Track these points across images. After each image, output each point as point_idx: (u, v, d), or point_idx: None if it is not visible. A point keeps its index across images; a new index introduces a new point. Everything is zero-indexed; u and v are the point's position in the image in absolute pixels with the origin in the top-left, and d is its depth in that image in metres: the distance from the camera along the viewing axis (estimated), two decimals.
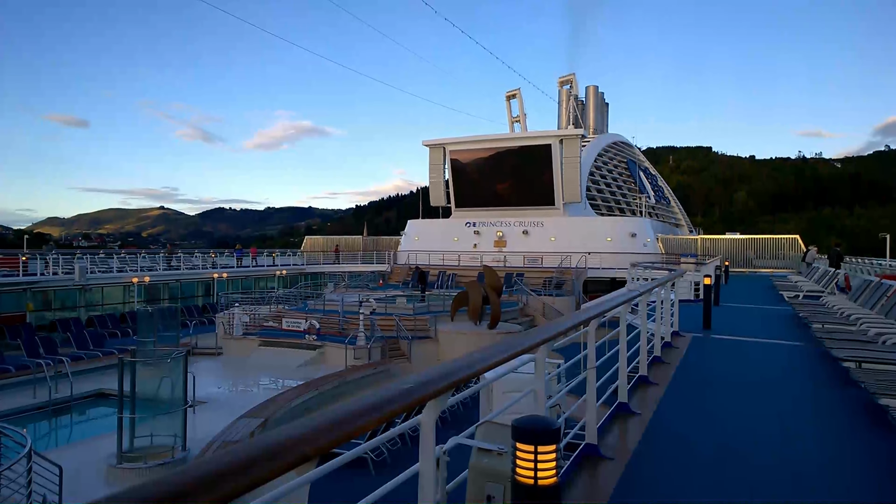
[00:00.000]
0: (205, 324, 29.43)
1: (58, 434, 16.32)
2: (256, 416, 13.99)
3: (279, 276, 41.87)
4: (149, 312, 20.68)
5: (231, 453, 1.09)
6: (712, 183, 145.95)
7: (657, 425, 5.44)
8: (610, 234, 40.80)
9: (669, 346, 9.31)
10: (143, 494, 0.83)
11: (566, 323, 3.92)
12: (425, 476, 2.09)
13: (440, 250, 42.59)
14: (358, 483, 6.68)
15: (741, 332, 11.77)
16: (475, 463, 2.75)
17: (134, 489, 0.85)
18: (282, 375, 20.37)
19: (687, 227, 65.21)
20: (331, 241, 57.04)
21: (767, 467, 4.47)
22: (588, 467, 4.33)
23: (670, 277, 9.47)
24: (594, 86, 61.47)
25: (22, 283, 26.92)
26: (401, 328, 23.01)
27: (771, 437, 5.27)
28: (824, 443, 5.18)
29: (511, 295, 30.49)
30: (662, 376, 7.34)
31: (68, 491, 9.06)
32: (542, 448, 2.00)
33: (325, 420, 1.36)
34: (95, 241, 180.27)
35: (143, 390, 12.58)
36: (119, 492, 0.84)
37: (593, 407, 4.53)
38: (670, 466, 4.53)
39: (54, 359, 19.40)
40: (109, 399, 17.18)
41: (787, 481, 4.23)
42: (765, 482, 4.18)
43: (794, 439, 5.24)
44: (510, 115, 54.52)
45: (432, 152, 47.52)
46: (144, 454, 12.07)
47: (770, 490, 4.05)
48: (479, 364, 2.38)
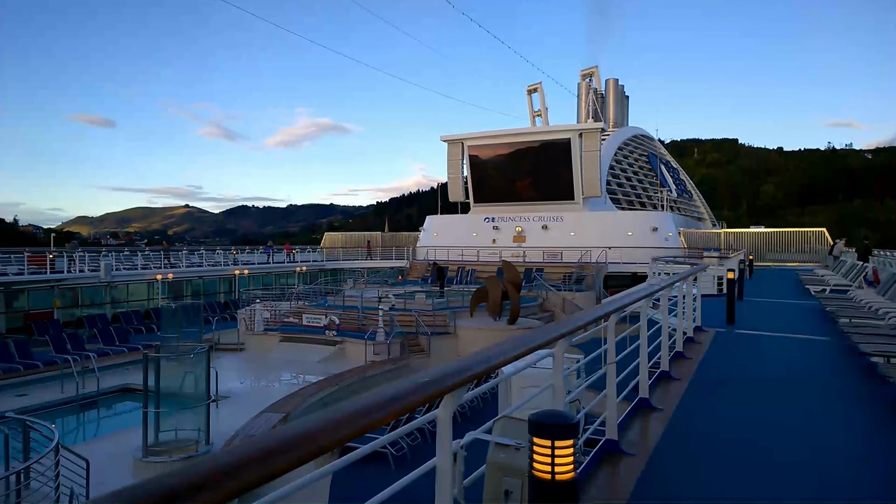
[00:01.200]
0: (227, 320, 29.77)
1: (85, 428, 16.65)
2: (278, 410, 14.14)
3: (299, 272, 42.17)
4: (172, 309, 21.00)
5: (252, 444, 1.09)
6: (739, 176, 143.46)
7: (679, 421, 5.38)
8: (631, 229, 40.43)
9: (692, 341, 9.19)
10: (168, 484, 0.84)
11: (585, 317, 3.88)
12: (442, 470, 2.09)
13: (459, 246, 42.57)
14: (378, 477, 6.69)
15: (766, 327, 11.58)
16: (492, 458, 2.74)
17: (158, 478, 0.86)
18: (302, 371, 20.55)
19: (710, 221, 64.38)
20: (350, 237, 57.40)
21: (792, 465, 4.40)
22: (608, 463, 4.30)
23: (692, 272, 9.35)
24: (614, 79, 60.91)
25: (49, 281, 27.47)
26: (420, 324, 23.06)
27: (796, 434, 5.18)
28: (851, 440, 5.07)
29: (531, 290, 30.36)
30: (684, 372, 7.26)
31: (95, 484, 9.24)
32: (560, 443, 1.98)
33: (344, 413, 1.36)
34: (123, 239, 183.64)
35: (167, 385, 12.77)
36: (144, 481, 0.85)
37: (613, 402, 4.49)
38: (692, 463, 4.47)
39: (81, 354, 19.77)
40: (135, 394, 17.47)
41: (812, 479, 4.15)
42: (789, 480, 4.11)
43: (819, 436, 5.15)
44: (531, 110, 54.30)
45: (451, 148, 47.48)
46: (169, 448, 12.26)
47: (795, 488, 3.98)
48: (497, 358, 2.36)
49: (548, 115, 53.23)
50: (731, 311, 11.80)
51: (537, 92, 53.79)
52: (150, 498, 0.81)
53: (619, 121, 60.16)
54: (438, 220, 49.11)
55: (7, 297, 27.16)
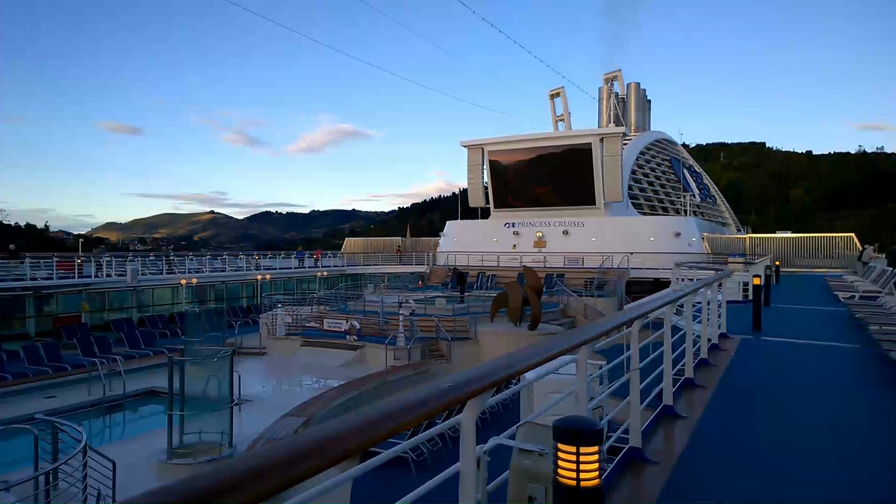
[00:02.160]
0: (249, 324, 30.04)
1: (111, 430, 16.92)
2: (299, 414, 14.22)
3: (320, 277, 42.47)
4: (196, 313, 21.26)
5: (277, 448, 1.10)
6: (766, 180, 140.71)
7: (704, 430, 5.30)
8: (653, 234, 40.03)
9: (717, 348, 9.06)
10: (197, 485, 0.85)
11: (608, 323, 3.86)
12: (466, 475, 2.08)
13: (479, 251, 42.51)
14: (399, 483, 6.70)
15: (793, 335, 11.37)
16: (516, 464, 2.73)
17: (188, 480, 0.87)
18: (323, 375, 20.66)
19: (734, 226, 63.47)
20: (370, 242, 57.76)
21: (819, 476, 4.31)
22: (632, 471, 4.25)
23: (717, 277, 9.22)
24: (636, 83, 60.46)
25: (78, 285, 28.04)
26: (440, 329, 23.06)
27: (823, 444, 5.07)
28: (879, 451, 4.95)
29: (552, 296, 30.21)
30: (709, 379, 7.16)
31: (121, 485, 9.36)
32: (585, 449, 1.96)
33: (368, 417, 1.37)
34: (150, 244, 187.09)
35: (191, 389, 12.93)
36: (172, 483, 0.86)
37: (637, 409, 4.44)
38: (718, 472, 4.40)
39: (108, 357, 20.12)
40: (159, 397, 17.71)
41: (839, 490, 4.06)
42: (816, 491, 4.03)
43: (847, 446, 5.03)
44: (554, 114, 54.17)
45: (471, 153, 47.49)
46: (193, 451, 12.40)
47: (822, 499, 3.89)
48: (520, 364, 2.36)
49: (570, 119, 53.08)
50: (758, 317, 11.61)
51: (560, 97, 53.60)
52: (182, 499, 0.82)
53: (641, 125, 59.68)
54: (458, 226, 49.12)
55: (37, 302, 27.76)
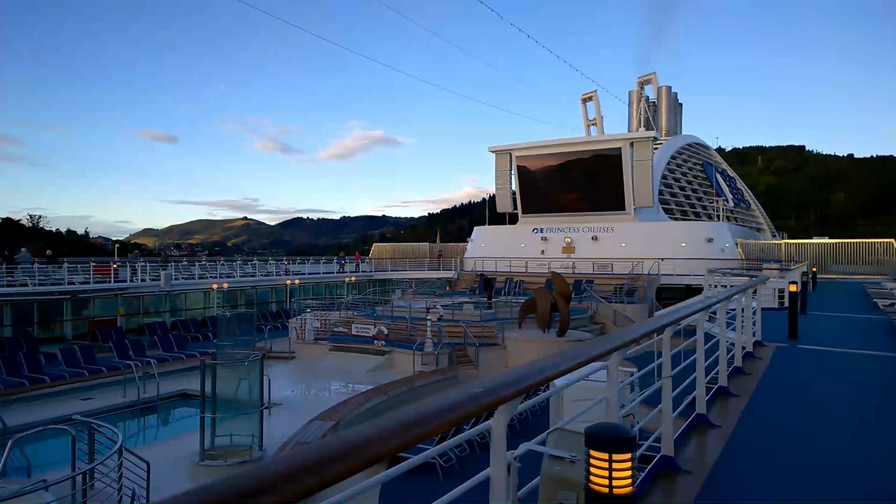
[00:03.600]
0: (278, 329, 30.40)
1: (145, 432, 17.27)
2: (328, 418, 14.32)
3: (348, 282, 42.79)
4: (227, 317, 21.58)
5: (311, 450, 1.11)
6: (806, 184, 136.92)
7: (739, 439, 5.19)
8: (685, 240, 39.40)
9: (751, 356, 8.87)
10: (235, 484, 0.86)
11: (639, 330, 3.80)
12: (496, 481, 2.07)
13: (507, 257, 42.37)
14: (426, 488, 6.68)
15: (830, 343, 11.07)
16: (547, 470, 2.70)
17: (226, 479, 0.88)
18: (351, 380, 20.78)
19: (769, 232, 62.07)
20: (398, 248, 58.08)
21: (856, 487, 4.17)
22: (664, 480, 4.17)
23: (752, 284, 9.03)
24: (667, 86, 59.69)
25: (113, 290, 28.73)
26: (468, 335, 23.01)
27: (860, 455, 4.91)
28: None
29: (580, 302, 29.92)
30: (744, 388, 7.00)
31: (155, 486, 9.54)
32: (617, 456, 1.93)
33: (401, 420, 1.37)
34: (185, 250, 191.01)
35: (223, 392, 13.13)
36: (212, 482, 0.87)
37: (669, 417, 4.36)
38: (753, 483, 4.30)
39: (142, 360, 20.56)
40: (192, 399, 18.02)
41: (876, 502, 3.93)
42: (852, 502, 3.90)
43: (887, 458, 4.86)
44: (586, 118, 53.84)
45: (498, 158, 47.42)
46: (225, 453, 12.57)
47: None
48: (550, 370, 2.34)
49: (603, 123, 52.69)
50: (794, 325, 11.32)
51: (592, 100, 53.26)
52: (222, 497, 0.83)
53: (673, 129, 58.87)
54: (486, 231, 49.03)
55: (74, 305, 28.54)
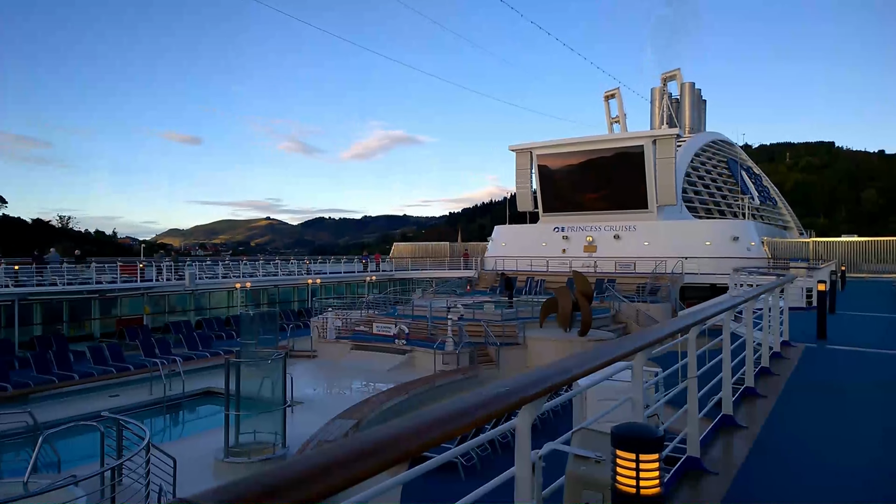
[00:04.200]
0: (300, 327, 30.64)
1: (171, 429, 17.55)
2: (350, 417, 14.40)
3: (369, 281, 43.00)
4: (251, 316, 21.84)
5: (338, 447, 1.11)
6: (836, 181, 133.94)
7: (766, 440, 5.10)
8: (709, 238, 38.87)
9: (779, 356, 8.72)
10: (265, 481, 0.87)
11: (665, 330, 3.76)
12: (521, 480, 2.06)
13: (528, 256, 42.20)
14: (447, 488, 6.68)
15: (861, 343, 10.83)
16: (572, 470, 2.68)
17: (255, 476, 0.89)
18: (373, 378, 20.87)
19: (797, 230, 61.01)
20: (418, 247, 58.17)
21: (887, 492, 4.07)
22: (690, 481, 4.12)
23: (779, 283, 8.88)
24: (690, 83, 58.98)
25: (140, 289, 29.24)
26: (489, 334, 22.98)
27: (891, 458, 4.80)
28: None
29: (602, 301, 29.68)
30: (771, 389, 6.88)
31: (181, 482, 9.68)
32: (645, 457, 1.91)
33: (428, 418, 1.37)
34: (210, 250, 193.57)
35: (246, 390, 13.28)
36: (242, 478, 0.88)
37: (695, 418, 4.31)
38: (781, 485, 4.22)
39: (168, 358, 20.89)
40: (216, 397, 18.26)
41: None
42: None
43: None
44: (608, 116, 53.49)
45: (519, 157, 47.24)
46: (248, 450, 12.71)
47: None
48: (575, 370, 2.32)
49: (626, 120, 52.28)
50: (822, 325, 11.11)
51: (615, 98, 52.84)
52: (249, 494, 0.84)
53: (696, 126, 58.14)
54: (507, 230, 48.88)
55: (102, 304, 29.11)
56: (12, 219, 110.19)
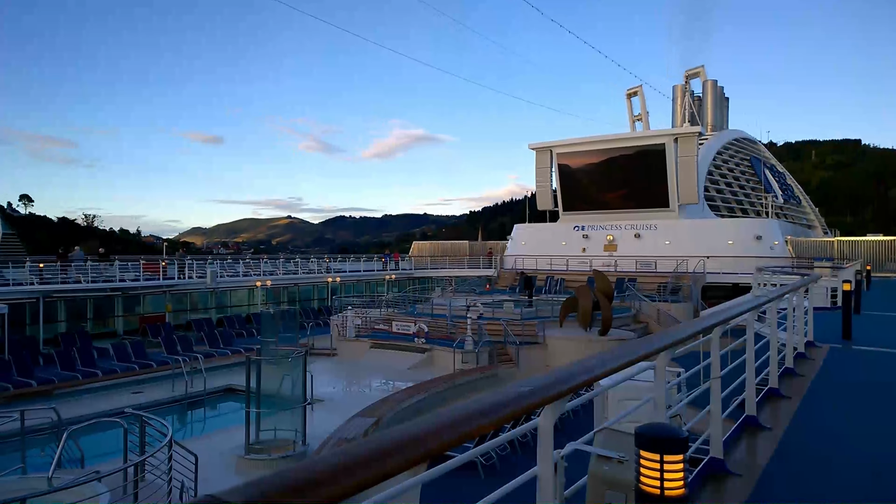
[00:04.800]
0: (320, 326, 30.84)
1: (192, 425, 17.76)
2: (370, 415, 14.44)
3: (388, 280, 43.12)
4: (271, 314, 22.04)
5: (364, 445, 1.11)
6: (862, 179, 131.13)
7: (790, 442, 5.02)
8: (731, 237, 38.37)
9: (803, 356, 8.57)
10: (295, 477, 0.87)
11: (688, 329, 3.71)
12: (544, 480, 2.05)
13: (547, 255, 42.01)
14: (467, 488, 6.65)
15: (887, 343, 10.61)
16: (594, 470, 2.66)
17: (283, 473, 0.89)
18: (392, 377, 20.94)
19: (821, 229, 59.94)
20: (437, 246, 58.16)
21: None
22: (713, 483, 4.07)
23: (803, 282, 8.73)
24: (712, 80, 58.23)
25: (162, 287, 29.65)
26: (508, 333, 22.91)
27: None
28: None
29: (623, 301, 29.45)
30: (796, 389, 6.77)
31: (203, 478, 9.79)
32: (669, 457, 1.89)
33: (452, 417, 1.37)
34: (232, 248, 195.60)
35: (267, 387, 13.40)
36: (267, 476, 0.88)
37: (718, 419, 4.25)
38: (805, 488, 4.15)
39: (190, 356, 21.16)
40: (236, 394, 18.46)
41: None
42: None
43: None
44: (631, 114, 53.09)
45: (539, 156, 46.99)
46: (269, 447, 12.84)
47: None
48: (598, 369, 2.30)
49: (648, 118, 51.85)
50: (848, 325, 10.90)
51: (637, 95, 52.42)
52: (278, 490, 0.84)
53: (719, 124, 57.37)
54: (526, 229, 48.69)
55: (125, 302, 29.58)
56: (39, 217, 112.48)
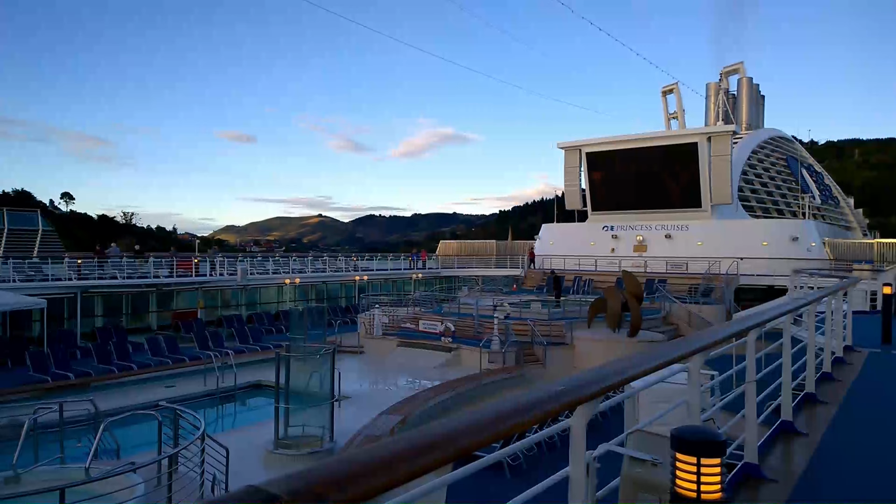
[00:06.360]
0: (348, 323, 31.05)
1: (223, 419, 18.07)
2: (397, 412, 14.51)
3: (415, 279, 43.25)
4: (300, 312, 22.30)
5: (401, 440, 1.11)
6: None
7: (828, 448, 4.89)
8: (766, 238, 37.53)
9: (841, 361, 8.34)
10: (335, 469, 0.87)
11: (723, 332, 3.64)
12: (576, 481, 2.03)
13: (575, 255, 41.66)
14: (494, 488, 6.63)
15: None
16: (627, 472, 2.62)
17: (324, 465, 0.89)
18: (418, 375, 21.00)
19: (860, 231, 58.28)
20: (464, 245, 58.08)
21: None
22: (748, 488, 3.98)
23: (842, 285, 8.50)
24: (748, 78, 57.01)
25: (195, 283, 30.24)
26: (535, 333, 22.78)
27: None
28: None
29: (653, 302, 29.05)
30: (833, 395, 6.60)
31: (234, 471, 9.95)
32: (706, 461, 1.85)
33: (487, 414, 1.36)
34: (264, 246, 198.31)
35: (296, 383, 13.54)
36: (307, 468, 0.88)
37: (753, 423, 4.17)
38: (843, 494, 4.04)
39: (221, 351, 21.52)
40: (266, 390, 18.72)
41: None
42: None
43: None
44: (666, 112, 52.39)
45: (567, 155, 46.60)
46: (297, 442, 12.98)
47: None
48: (631, 370, 2.27)
49: (684, 116, 51.10)
50: (888, 329, 10.58)
51: (673, 93, 51.65)
52: (320, 482, 0.84)
53: (754, 123, 56.11)
54: (554, 229, 48.34)
55: (159, 298, 30.25)
56: (80, 215, 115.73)
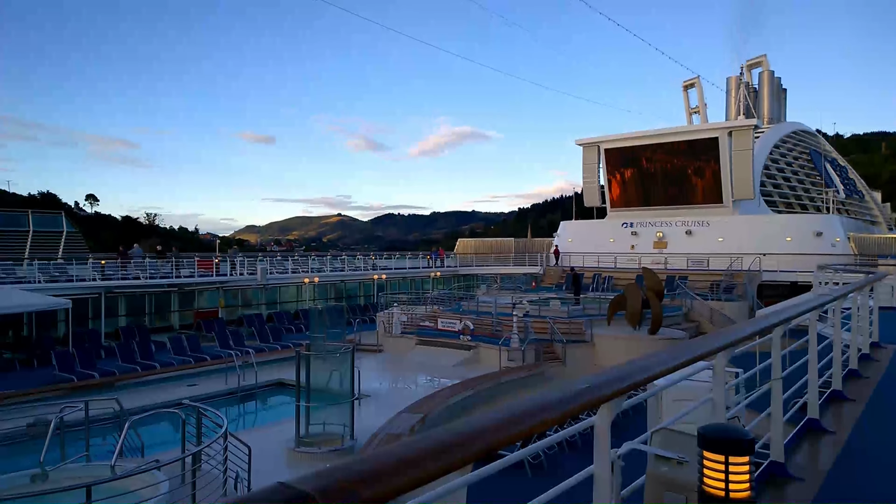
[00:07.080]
0: (366, 322, 31.16)
1: (244, 418, 18.25)
2: (416, 411, 14.55)
3: (434, 277, 43.28)
4: (319, 311, 22.41)
5: (427, 438, 1.11)
6: None
7: (855, 446, 4.81)
8: (790, 234, 36.96)
9: (868, 358, 8.19)
10: (363, 468, 0.87)
11: (748, 329, 3.59)
12: (600, 479, 2.01)
13: (595, 252, 41.40)
14: (514, 487, 6.63)
15: None
16: (653, 471, 2.60)
17: (351, 463, 0.89)
18: (438, 374, 21.01)
19: (885, 225, 57.19)
20: (483, 243, 57.97)
21: None
22: (774, 487, 3.93)
23: (869, 281, 8.34)
24: (769, 71, 56.17)
25: (215, 283, 30.58)
26: (555, 331, 22.68)
27: None
28: None
29: (673, 299, 28.76)
30: (860, 392, 6.48)
31: (256, 469, 10.04)
32: (734, 459, 1.83)
33: (514, 412, 1.35)
34: (285, 245, 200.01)
35: (316, 382, 13.63)
36: (334, 465, 0.89)
37: (779, 421, 4.11)
38: (871, 493, 3.97)
39: (242, 350, 21.74)
40: (286, 388, 18.87)
41: None
42: None
43: None
44: (688, 106, 51.92)
45: (586, 151, 46.33)
46: (318, 440, 13.07)
47: None
48: (656, 368, 2.25)
49: (706, 111, 50.58)
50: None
51: (694, 87, 51.10)
52: (348, 479, 0.85)
53: (776, 116, 55.29)
54: (573, 226, 48.09)
55: (181, 298, 30.64)
56: (104, 216, 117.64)
